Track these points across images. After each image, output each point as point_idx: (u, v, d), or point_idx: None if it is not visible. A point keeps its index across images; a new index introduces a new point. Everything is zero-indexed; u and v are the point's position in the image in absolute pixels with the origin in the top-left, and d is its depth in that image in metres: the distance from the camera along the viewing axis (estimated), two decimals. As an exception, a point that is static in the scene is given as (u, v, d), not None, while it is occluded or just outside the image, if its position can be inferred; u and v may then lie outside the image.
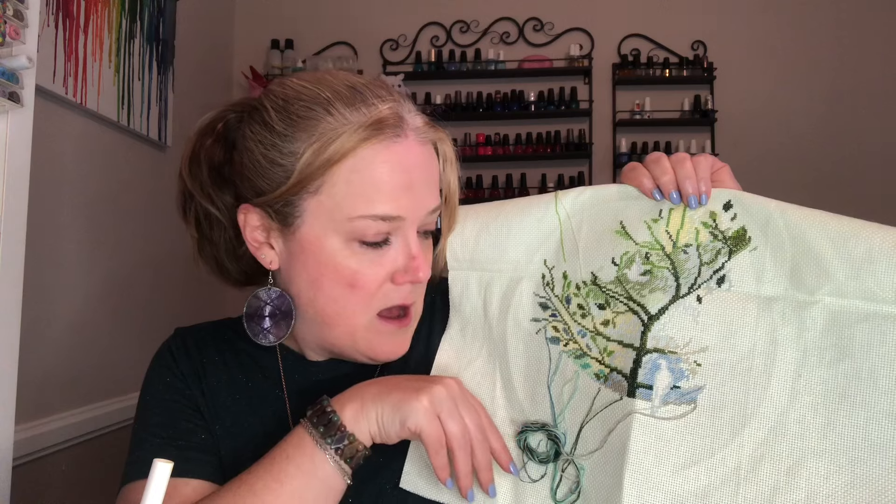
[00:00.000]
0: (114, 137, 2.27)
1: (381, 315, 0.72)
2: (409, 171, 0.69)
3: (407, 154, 0.69)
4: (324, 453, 0.64)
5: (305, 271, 0.71)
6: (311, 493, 0.64)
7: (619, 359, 0.68)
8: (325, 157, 0.67)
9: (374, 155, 0.67)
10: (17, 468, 1.44)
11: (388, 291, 0.71)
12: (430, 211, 0.72)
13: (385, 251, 0.70)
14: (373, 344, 0.72)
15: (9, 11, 1.01)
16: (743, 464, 0.63)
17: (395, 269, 0.70)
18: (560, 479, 0.69)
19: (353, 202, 0.67)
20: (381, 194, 0.67)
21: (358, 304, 0.70)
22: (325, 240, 0.69)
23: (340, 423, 0.65)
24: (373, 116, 0.68)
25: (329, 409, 0.66)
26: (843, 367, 0.62)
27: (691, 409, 0.65)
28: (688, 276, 0.68)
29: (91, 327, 2.11)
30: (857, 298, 0.62)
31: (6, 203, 1.03)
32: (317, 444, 0.65)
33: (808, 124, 3.50)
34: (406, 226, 0.70)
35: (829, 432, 0.62)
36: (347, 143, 0.67)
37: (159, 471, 0.48)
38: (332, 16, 3.67)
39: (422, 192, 0.70)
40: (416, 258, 0.70)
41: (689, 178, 0.68)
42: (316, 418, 0.66)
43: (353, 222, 0.68)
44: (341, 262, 0.69)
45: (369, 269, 0.69)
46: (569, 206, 0.74)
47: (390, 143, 0.68)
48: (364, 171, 0.67)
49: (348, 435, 0.64)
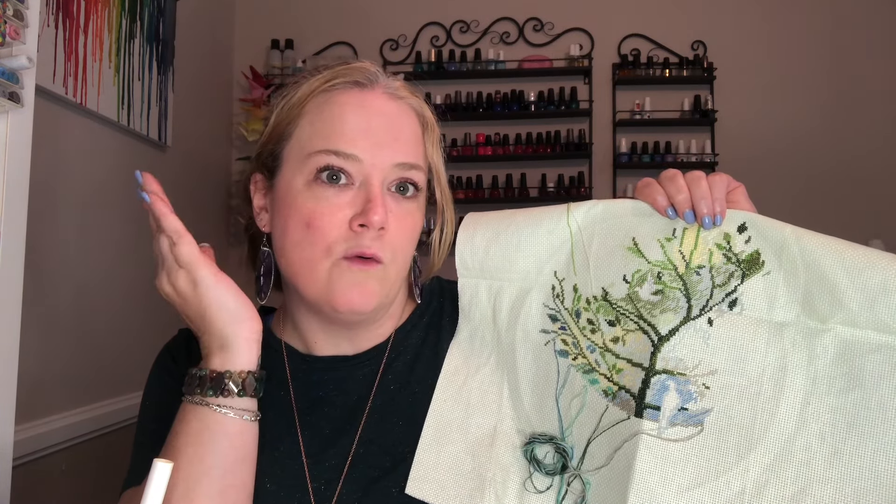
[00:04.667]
0: (114, 137, 2.27)
1: (345, 258, 0.71)
2: (370, 116, 0.72)
3: (371, 100, 0.73)
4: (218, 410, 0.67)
5: (279, 220, 0.74)
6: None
7: (627, 377, 0.68)
8: (294, 100, 0.74)
9: (337, 97, 0.72)
10: (17, 468, 1.44)
11: (347, 237, 0.70)
12: (396, 163, 0.72)
13: (344, 194, 0.70)
14: (334, 290, 0.70)
15: (9, 11, 1.01)
16: (748, 488, 0.63)
17: (354, 214, 0.70)
18: (566, 492, 0.69)
19: (314, 140, 0.71)
20: (339, 132, 0.71)
21: (316, 246, 0.70)
22: (292, 183, 0.72)
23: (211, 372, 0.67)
24: (342, 67, 0.74)
25: (194, 371, 0.68)
26: (853, 397, 0.62)
27: (698, 432, 0.65)
28: (700, 297, 0.67)
29: (91, 327, 2.10)
30: (870, 329, 0.62)
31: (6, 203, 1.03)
32: (210, 406, 0.67)
33: (808, 124, 3.50)
34: (366, 169, 0.70)
35: (835, 461, 0.61)
36: (313, 84, 0.73)
37: (159, 471, 0.48)
38: (332, 16, 3.67)
39: (384, 139, 0.71)
40: (371, 201, 0.69)
41: (704, 198, 0.67)
42: (200, 388, 0.67)
43: (312, 158, 0.71)
44: (302, 203, 0.71)
45: (326, 210, 0.70)
46: (580, 218, 0.73)
47: (353, 87, 0.73)
48: (325, 112, 0.72)
49: (226, 374, 0.67)
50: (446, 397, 0.74)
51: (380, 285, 0.72)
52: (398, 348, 0.79)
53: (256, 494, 0.71)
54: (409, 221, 0.74)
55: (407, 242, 0.74)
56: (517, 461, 0.71)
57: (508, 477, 0.70)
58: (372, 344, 0.78)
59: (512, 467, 0.71)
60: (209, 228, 3.16)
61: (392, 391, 0.76)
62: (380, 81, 0.74)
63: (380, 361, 0.78)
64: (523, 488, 0.70)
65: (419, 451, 0.72)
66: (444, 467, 0.71)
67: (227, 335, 0.67)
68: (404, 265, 0.75)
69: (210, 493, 0.65)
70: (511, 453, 0.71)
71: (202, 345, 0.69)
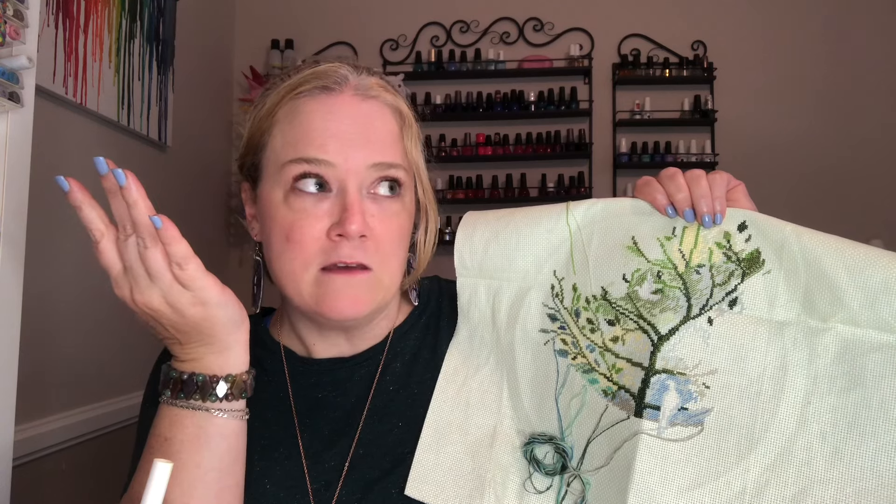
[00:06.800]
0: (114, 137, 2.27)
1: (326, 269, 0.69)
2: (340, 119, 0.70)
3: (339, 104, 0.71)
4: (211, 413, 0.64)
5: (265, 231, 0.73)
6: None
7: (627, 377, 0.68)
8: (265, 110, 0.73)
9: (304, 104, 0.71)
10: (17, 468, 1.44)
11: (327, 248, 0.68)
12: (371, 164, 0.70)
13: (322, 204, 0.69)
14: (320, 300, 0.69)
15: (9, 11, 1.00)
16: (748, 488, 0.63)
17: (332, 224, 0.69)
18: (565, 492, 0.69)
19: (286, 150, 0.70)
20: (308, 139, 0.69)
21: (296, 259, 0.69)
22: (271, 194, 0.71)
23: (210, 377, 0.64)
24: (308, 72, 0.72)
25: (185, 376, 0.64)
26: (854, 397, 0.62)
27: (698, 432, 0.65)
28: (699, 296, 0.67)
29: (91, 327, 2.11)
30: (871, 328, 0.61)
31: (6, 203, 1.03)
32: (197, 410, 0.64)
33: (808, 124, 3.50)
34: (340, 175, 0.69)
35: (836, 461, 0.61)
36: (280, 93, 0.72)
37: (159, 471, 0.48)
38: (332, 16, 3.67)
39: (355, 141, 0.70)
40: (347, 209, 0.67)
41: (704, 196, 0.66)
42: (200, 394, 0.64)
43: (285, 168, 0.69)
44: (281, 215, 0.70)
45: (304, 221, 0.68)
46: (580, 217, 0.73)
47: (320, 93, 0.71)
48: (294, 120, 0.71)
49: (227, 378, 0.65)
50: (446, 398, 0.74)
51: (371, 292, 0.71)
52: (396, 349, 0.79)
53: (256, 495, 0.71)
54: (395, 223, 0.72)
55: (395, 245, 0.72)
56: (517, 461, 0.71)
57: (508, 477, 0.70)
58: (369, 344, 0.78)
59: (512, 467, 0.70)
60: (209, 228, 3.16)
61: (391, 392, 0.76)
62: (349, 82, 0.71)
63: (378, 362, 0.78)
64: (523, 489, 0.70)
65: (419, 452, 0.71)
66: (443, 468, 0.71)
67: (230, 342, 0.65)
68: (398, 268, 0.74)
69: (207, 496, 0.64)
70: (511, 453, 0.71)
71: (187, 349, 0.65)
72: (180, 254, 0.59)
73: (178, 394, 0.64)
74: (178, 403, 0.64)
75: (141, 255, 0.59)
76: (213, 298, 0.61)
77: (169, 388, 0.65)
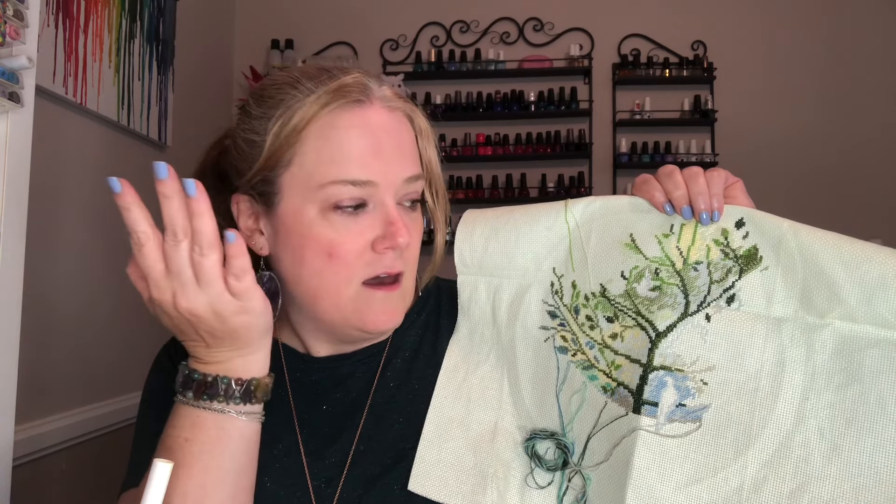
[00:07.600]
0: (114, 137, 2.27)
1: (367, 283, 0.71)
2: (377, 135, 0.69)
3: (373, 118, 0.70)
4: (233, 416, 0.64)
5: (289, 249, 0.71)
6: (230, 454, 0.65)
7: (625, 373, 0.68)
8: (290, 126, 0.69)
9: (339, 119, 0.68)
10: (17, 468, 1.44)
11: (371, 261, 0.69)
12: (405, 178, 0.71)
13: (362, 219, 0.69)
14: (362, 315, 0.71)
15: (9, 11, 1.01)
16: (746, 484, 0.63)
17: (375, 237, 0.69)
18: (567, 488, 0.69)
19: (324, 169, 0.68)
20: (350, 158, 0.68)
21: (339, 274, 0.69)
22: (302, 212, 0.69)
23: (235, 380, 0.64)
24: (335, 84, 0.69)
25: (210, 378, 0.64)
26: (851, 393, 0.61)
27: (696, 428, 0.65)
28: (697, 293, 0.67)
29: (91, 327, 2.11)
30: (869, 324, 0.61)
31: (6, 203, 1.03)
32: (219, 412, 0.63)
33: (808, 124, 3.50)
34: (381, 192, 0.69)
35: (834, 457, 0.61)
36: (311, 109, 0.68)
37: (159, 471, 0.48)
38: (332, 16, 3.67)
39: (392, 157, 0.70)
40: (393, 223, 0.69)
41: (701, 193, 0.67)
42: (225, 397, 0.64)
43: (326, 189, 0.68)
44: (319, 233, 0.69)
45: (347, 238, 0.68)
46: (578, 215, 0.73)
47: (354, 106, 0.69)
48: (331, 137, 0.68)
49: (250, 382, 0.64)
50: (447, 394, 0.74)
51: (403, 302, 0.74)
52: (396, 345, 0.79)
53: (256, 493, 0.71)
54: (418, 230, 0.75)
55: (418, 251, 0.75)
56: (518, 457, 0.71)
57: (510, 473, 0.70)
58: (370, 342, 0.79)
59: (513, 463, 0.71)
60: (209, 228, 3.15)
61: (392, 388, 0.76)
62: (375, 94, 0.71)
63: (379, 359, 0.78)
64: (525, 484, 0.70)
65: (421, 448, 0.72)
66: (445, 463, 0.71)
67: (258, 346, 0.65)
68: (415, 271, 0.76)
69: (225, 497, 0.64)
70: (512, 449, 0.71)
71: (213, 352, 0.64)
72: (241, 266, 0.59)
73: (201, 395, 0.64)
74: (200, 405, 0.64)
75: (195, 262, 0.58)
76: (257, 308, 0.62)
77: (191, 389, 0.64)
